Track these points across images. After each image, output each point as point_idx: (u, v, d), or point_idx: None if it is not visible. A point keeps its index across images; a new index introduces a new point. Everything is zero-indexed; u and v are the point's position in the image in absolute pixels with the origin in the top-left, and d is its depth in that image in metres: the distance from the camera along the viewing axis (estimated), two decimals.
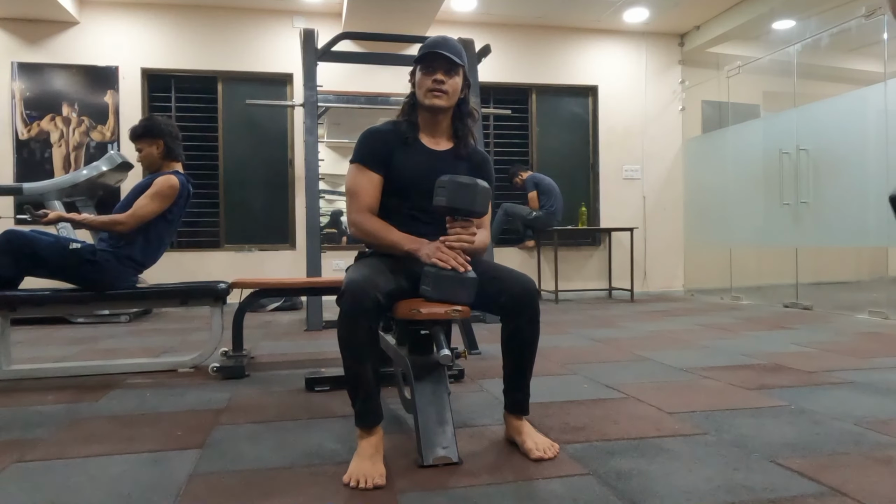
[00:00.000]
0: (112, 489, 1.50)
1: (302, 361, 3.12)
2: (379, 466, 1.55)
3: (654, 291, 6.95)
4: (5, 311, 2.76)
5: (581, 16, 6.53)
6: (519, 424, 1.78)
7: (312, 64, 4.49)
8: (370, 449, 1.59)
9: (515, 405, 1.80)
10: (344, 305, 1.57)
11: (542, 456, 1.66)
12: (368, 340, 1.59)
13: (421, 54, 1.85)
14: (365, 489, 1.47)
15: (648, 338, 3.79)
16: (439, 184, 1.72)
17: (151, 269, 3.05)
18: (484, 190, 1.71)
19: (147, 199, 2.84)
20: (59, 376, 2.82)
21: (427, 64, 1.84)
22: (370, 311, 1.57)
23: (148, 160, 3.01)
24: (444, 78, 1.84)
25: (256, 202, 6.32)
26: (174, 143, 3.02)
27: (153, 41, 6.02)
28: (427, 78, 1.85)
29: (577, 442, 1.81)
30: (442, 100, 1.86)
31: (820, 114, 5.20)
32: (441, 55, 1.82)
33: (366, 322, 1.57)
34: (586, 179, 7.06)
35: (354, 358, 1.59)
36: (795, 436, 1.83)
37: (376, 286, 1.59)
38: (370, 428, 1.62)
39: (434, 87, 1.84)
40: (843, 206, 4.95)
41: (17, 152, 5.76)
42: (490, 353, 3.20)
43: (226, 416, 2.14)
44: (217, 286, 2.95)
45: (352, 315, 1.56)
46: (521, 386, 1.79)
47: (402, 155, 1.89)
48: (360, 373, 1.60)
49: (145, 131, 2.96)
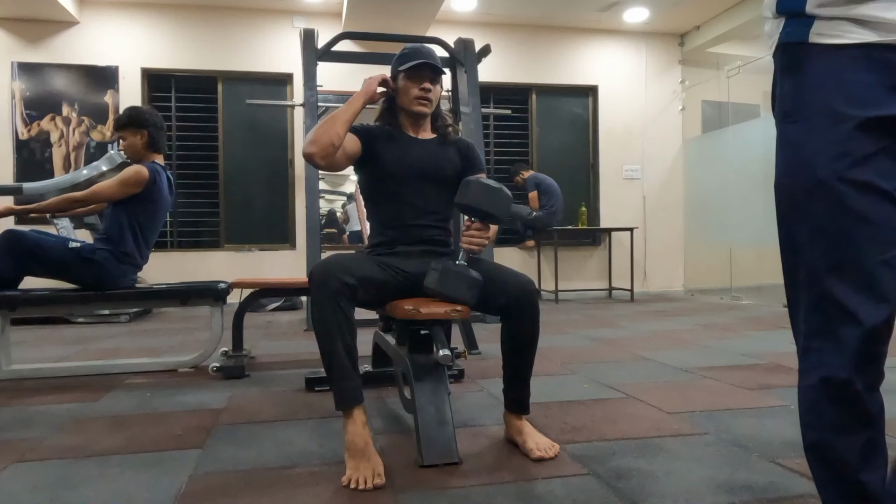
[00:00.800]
0: (112, 489, 1.50)
1: (302, 361, 3.12)
2: (375, 462, 1.55)
3: (654, 291, 6.95)
4: (5, 311, 2.76)
5: (581, 16, 6.53)
6: (520, 424, 1.78)
7: (312, 64, 4.48)
8: (359, 439, 1.58)
9: (515, 404, 1.80)
10: (312, 288, 1.62)
11: (543, 456, 1.66)
12: (336, 321, 1.59)
13: (410, 64, 1.92)
14: (365, 490, 1.47)
15: (648, 338, 3.79)
16: (466, 184, 1.76)
17: (152, 269, 3.06)
18: (508, 197, 1.75)
19: (110, 182, 2.84)
20: (59, 376, 2.82)
21: (414, 72, 1.93)
22: (336, 291, 1.59)
23: (131, 150, 2.97)
24: (430, 86, 1.95)
25: (256, 202, 6.32)
26: (158, 134, 2.99)
27: (153, 41, 6.02)
28: (414, 86, 1.95)
29: (577, 442, 1.81)
30: (427, 107, 1.97)
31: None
32: (428, 64, 1.92)
33: (332, 303, 1.59)
34: (586, 179, 7.06)
35: (324, 339, 1.61)
36: (795, 436, 1.83)
37: (346, 270, 1.62)
38: (349, 408, 1.63)
39: (421, 95, 1.95)
40: None
41: (17, 152, 5.76)
42: (490, 353, 3.20)
43: (226, 416, 2.14)
44: (217, 286, 2.95)
45: (318, 298, 1.60)
46: (521, 385, 1.79)
47: (387, 145, 1.96)
48: (331, 353, 1.61)
49: (130, 121, 2.93)
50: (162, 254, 5.99)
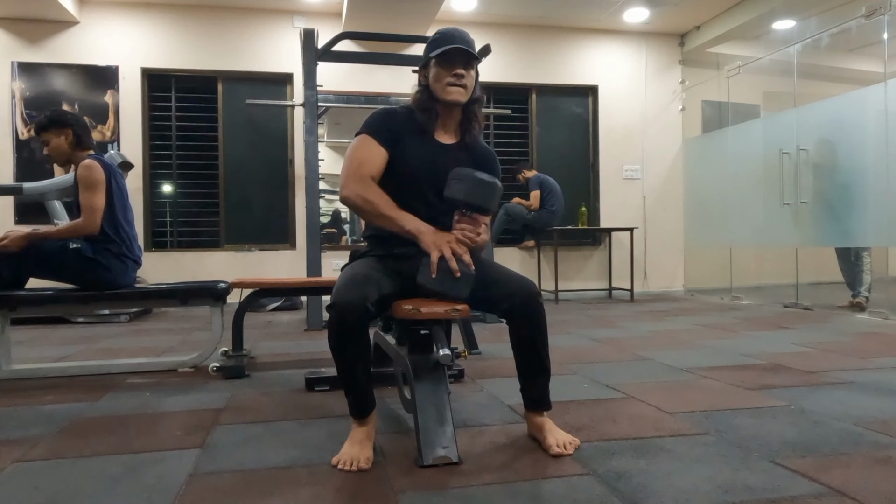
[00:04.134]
0: (112, 489, 1.50)
1: (302, 361, 3.12)
2: (367, 451, 1.64)
3: (654, 291, 6.94)
4: (5, 311, 2.76)
5: (581, 16, 6.53)
6: (540, 421, 1.78)
7: (312, 64, 4.48)
8: (361, 435, 1.68)
9: (533, 402, 1.80)
10: (332, 319, 1.60)
11: (562, 452, 1.67)
12: (356, 347, 1.63)
13: (441, 50, 1.81)
14: (349, 471, 1.56)
15: (648, 338, 3.79)
16: (455, 175, 1.71)
17: (152, 269, 3.05)
18: (498, 189, 1.72)
19: (88, 195, 2.79)
20: (59, 376, 2.82)
21: (446, 57, 1.82)
22: (357, 325, 1.60)
23: (57, 151, 2.88)
24: (463, 72, 1.83)
25: (256, 202, 6.32)
26: (83, 132, 2.91)
27: (153, 41, 6.02)
28: (446, 72, 1.82)
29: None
30: (462, 94, 1.85)
31: (820, 114, 5.20)
32: (461, 49, 1.80)
33: (354, 334, 1.61)
34: (586, 179, 7.06)
35: (343, 362, 1.66)
36: (795, 436, 1.83)
37: (364, 298, 1.59)
38: (363, 417, 1.70)
39: (454, 82, 1.82)
40: (844, 206, 4.95)
41: (18, 152, 5.76)
42: (490, 353, 3.20)
43: (226, 416, 2.14)
44: (217, 286, 2.95)
45: (340, 330, 1.60)
46: (536, 384, 1.79)
47: (413, 142, 1.87)
48: (349, 373, 1.67)
49: (51, 122, 2.85)
50: (162, 254, 5.99)
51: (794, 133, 5.36)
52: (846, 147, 4.94)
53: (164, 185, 6.20)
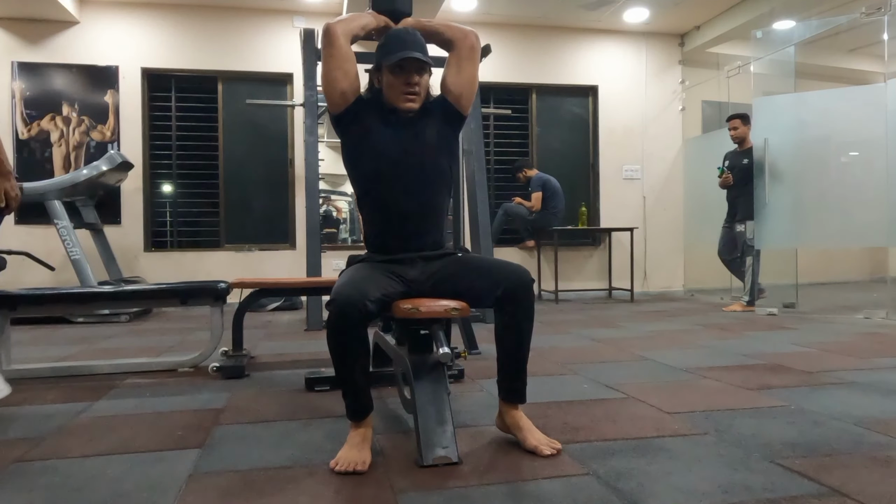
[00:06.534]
0: (112, 489, 1.50)
1: (302, 361, 3.12)
2: (365, 454, 1.63)
3: (654, 291, 6.94)
4: (6, 310, 2.76)
5: (581, 16, 6.52)
6: (517, 415, 1.78)
7: (312, 64, 4.48)
8: (358, 437, 1.68)
9: (512, 393, 1.80)
10: (332, 316, 1.61)
11: (552, 453, 1.68)
12: (356, 347, 1.64)
13: (394, 59, 1.77)
14: (344, 472, 1.56)
15: (648, 338, 3.79)
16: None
17: (152, 269, 3.05)
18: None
19: None
20: (59, 376, 2.82)
21: (400, 66, 1.79)
22: (357, 323, 1.61)
23: None
24: (417, 79, 1.82)
25: (256, 202, 6.32)
26: None
27: (153, 41, 6.02)
28: (398, 80, 1.80)
29: (577, 442, 1.81)
30: (416, 102, 1.84)
31: (820, 113, 5.19)
32: (413, 59, 1.78)
33: (353, 332, 1.61)
34: (586, 179, 7.06)
35: (342, 362, 1.66)
36: (795, 436, 1.83)
37: (364, 295, 1.61)
38: (360, 420, 1.70)
39: (408, 91, 1.81)
40: (843, 206, 4.95)
41: (18, 152, 5.76)
42: (490, 353, 3.19)
43: (226, 416, 2.14)
44: (217, 286, 2.95)
45: (339, 327, 1.61)
46: (517, 375, 1.80)
47: (378, 118, 1.87)
48: (347, 374, 1.67)
49: None
50: (162, 254, 5.99)
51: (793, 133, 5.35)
52: (846, 147, 4.94)
53: (164, 185, 6.20)
